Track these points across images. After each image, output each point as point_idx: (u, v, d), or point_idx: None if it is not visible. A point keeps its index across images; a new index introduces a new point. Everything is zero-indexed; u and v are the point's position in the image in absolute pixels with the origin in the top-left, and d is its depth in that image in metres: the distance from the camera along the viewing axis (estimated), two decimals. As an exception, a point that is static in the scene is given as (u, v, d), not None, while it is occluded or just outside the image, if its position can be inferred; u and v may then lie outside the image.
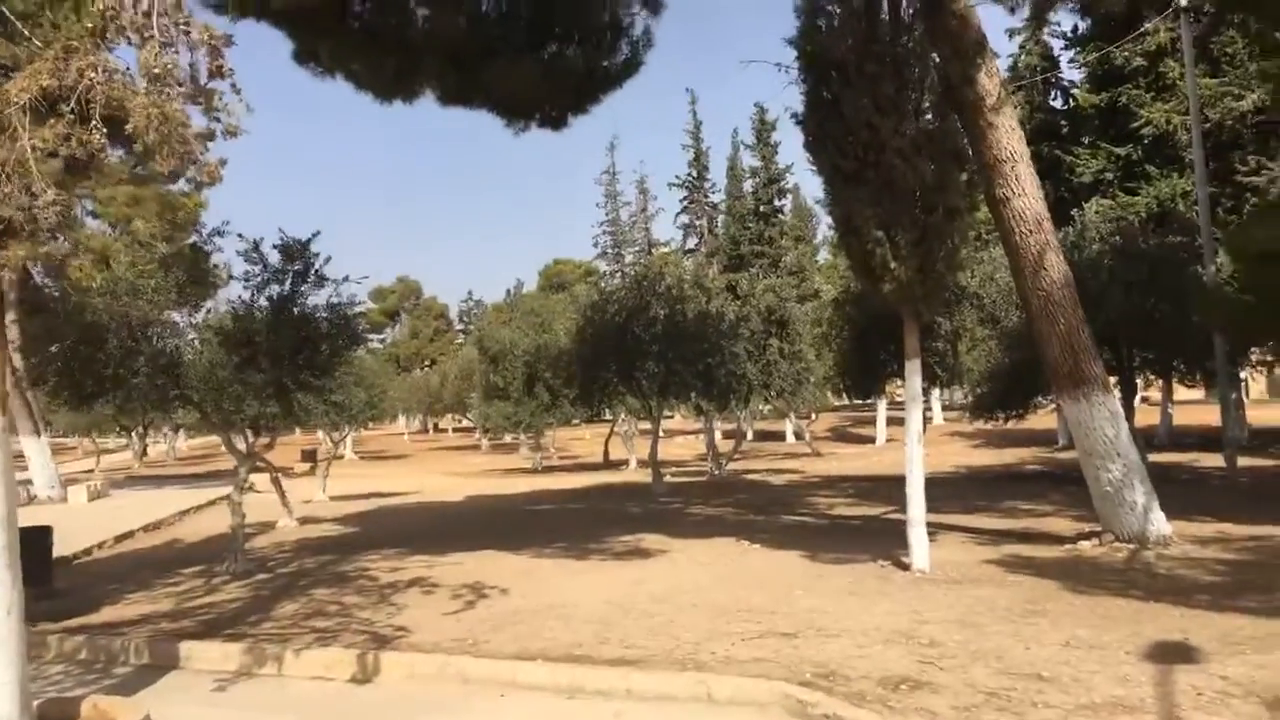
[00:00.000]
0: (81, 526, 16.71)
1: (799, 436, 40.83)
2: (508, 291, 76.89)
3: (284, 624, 8.41)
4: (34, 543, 9.18)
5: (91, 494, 24.05)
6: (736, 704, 5.67)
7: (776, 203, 57.82)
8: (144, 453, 47.92)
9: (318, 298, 11.83)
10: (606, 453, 36.13)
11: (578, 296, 23.72)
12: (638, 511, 16.82)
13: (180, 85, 5.37)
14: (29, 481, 24.74)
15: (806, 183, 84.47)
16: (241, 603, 9.57)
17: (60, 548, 13.14)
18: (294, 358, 11.41)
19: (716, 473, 25.28)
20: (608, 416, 36.39)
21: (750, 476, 25.05)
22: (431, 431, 73.97)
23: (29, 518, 12.08)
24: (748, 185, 59.32)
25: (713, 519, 15.28)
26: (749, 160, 59.76)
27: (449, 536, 13.88)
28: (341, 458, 41.10)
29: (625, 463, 33.32)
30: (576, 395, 21.66)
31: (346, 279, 11.84)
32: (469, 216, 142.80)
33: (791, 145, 71.86)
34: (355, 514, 18.82)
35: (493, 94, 10.92)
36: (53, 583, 9.72)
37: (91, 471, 35.71)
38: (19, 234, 5.63)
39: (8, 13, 5.46)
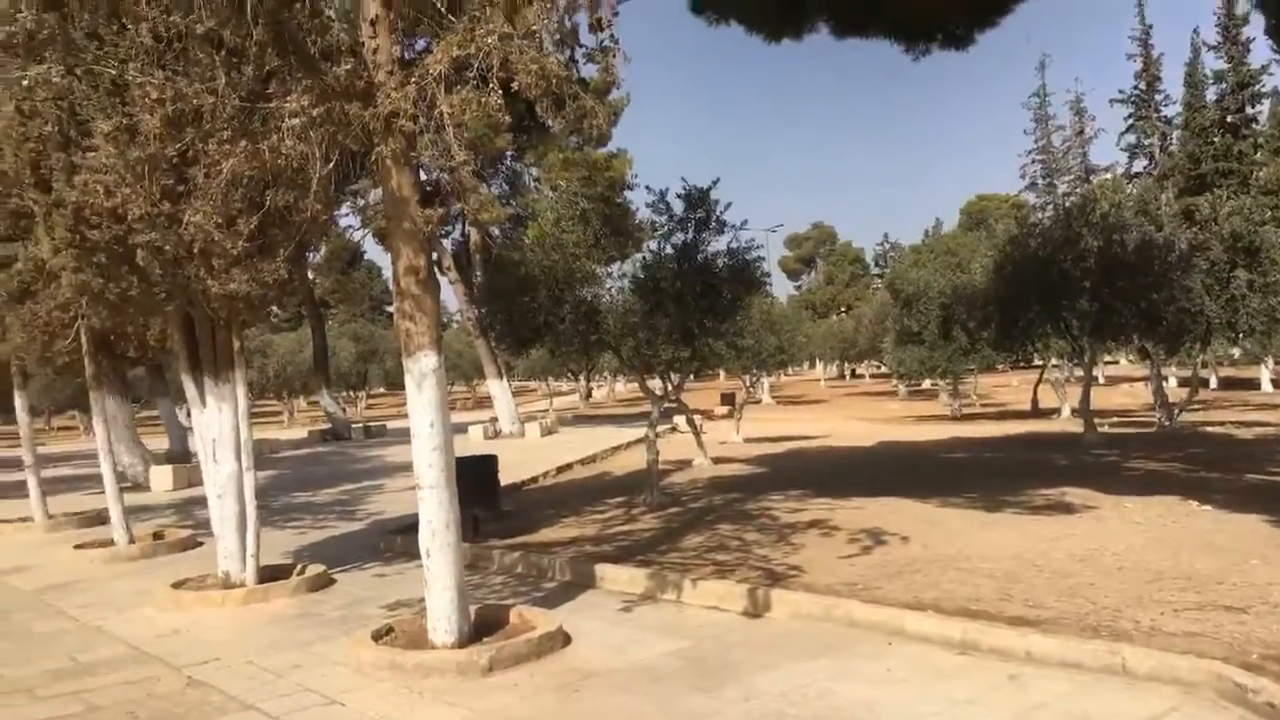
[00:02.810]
0: (532, 458, 19.07)
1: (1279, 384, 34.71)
2: (925, 232, 74.10)
3: (687, 554, 8.85)
4: (481, 470, 10.59)
5: (543, 430, 27.35)
6: (1156, 680, 4.89)
7: (1248, 111, 49.18)
8: (588, 394, 53.51)
9: (718, 244, 12.21)
10: (1035, 400, 33.47)
11: (996, 232, 21.97)
12: (1064, 463, 15.36)
13: (564, 42, 5.68)
14: (495, 419, 28.74)
15: (1292, 83, 70.52)
16: (653, 532, 10.24)
17: (514, 475, 15.15)
18: (697, 303, 11.87)
19: (1166, 424, 22.30)
20: (1038, 361, 33.71)
21: (1210, 429, 21.77)
22: (848, 377, 73.92)
23: (494, 449, 14.03)
24: (1210, 94, 51.09)
25: (1156, 475, 13.49)
26: (1213, 63, 51.40)
27: (854, 481, 13.72)
28: (758, 402, 42.65)
29: (1056, 411, 30.63)
30: (994, 337, 20.25)
31: (744, 224, 12.05)
32: (887, 160, 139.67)
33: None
34: (765, 455, 19.34)
35: (889, 16, 10.35)
36: (499, 505, 11.11)
37: (545, 411, 40.55)
38: (443, 196, 6.36)
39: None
